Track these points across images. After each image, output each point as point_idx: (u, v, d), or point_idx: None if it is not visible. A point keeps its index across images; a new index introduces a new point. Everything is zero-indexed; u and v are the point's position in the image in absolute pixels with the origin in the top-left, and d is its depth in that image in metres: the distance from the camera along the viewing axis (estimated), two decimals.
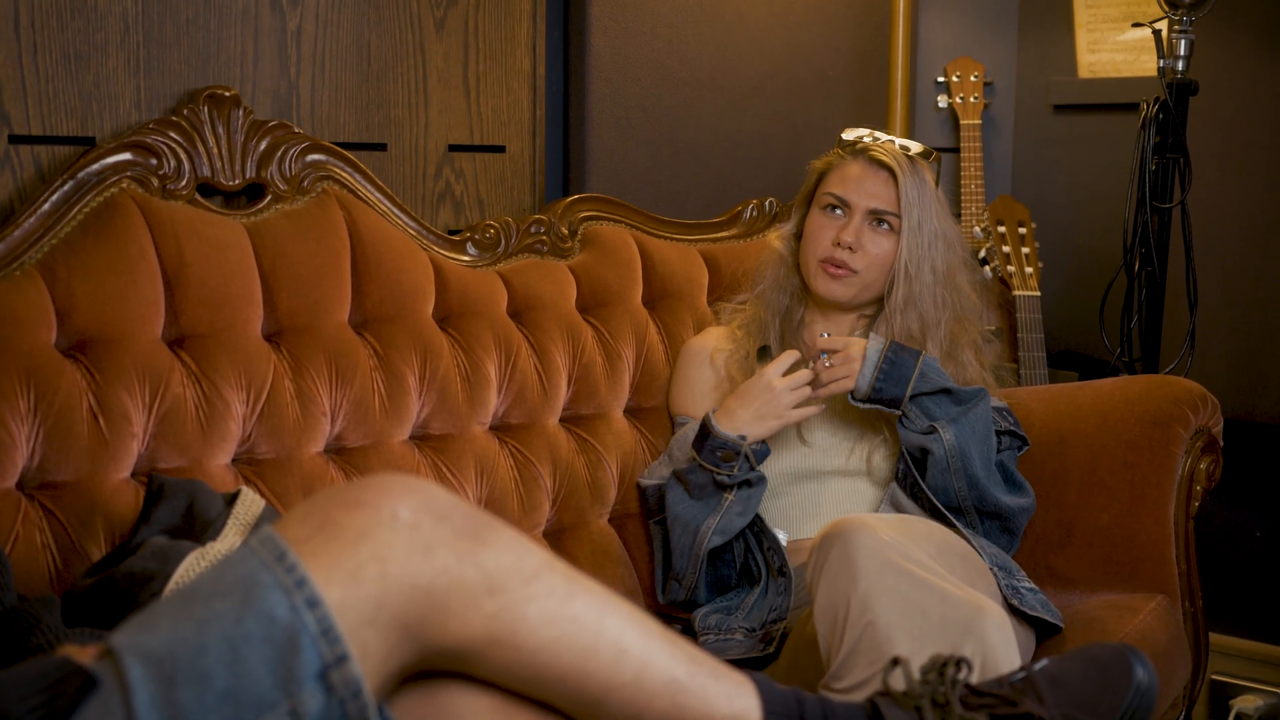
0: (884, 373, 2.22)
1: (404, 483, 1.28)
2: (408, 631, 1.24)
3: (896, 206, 2.33)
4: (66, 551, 1.88)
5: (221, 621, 1.16)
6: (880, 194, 2.35)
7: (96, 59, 2.14)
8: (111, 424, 1.95)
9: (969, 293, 2.42)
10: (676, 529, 2.30)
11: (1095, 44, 3.34)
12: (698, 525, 2.27)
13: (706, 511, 2.27)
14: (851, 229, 2.34)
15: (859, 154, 2.39)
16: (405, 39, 2.50)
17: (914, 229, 2.33)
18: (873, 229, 2.35)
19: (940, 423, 2.22)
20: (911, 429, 2.25)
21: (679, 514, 2.30)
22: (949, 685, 1.44)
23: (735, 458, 2.24)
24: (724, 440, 2.24)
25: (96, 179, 2.06)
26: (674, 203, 2.94)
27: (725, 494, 2.26)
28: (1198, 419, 2.38)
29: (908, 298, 2.34)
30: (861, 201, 2.35)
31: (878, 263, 2.35)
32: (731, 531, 2.27)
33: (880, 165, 2.36)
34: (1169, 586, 2.34)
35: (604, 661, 1.32)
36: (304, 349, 2.18)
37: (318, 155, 2.30)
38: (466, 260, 2.47)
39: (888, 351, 2.24)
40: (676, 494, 2.32)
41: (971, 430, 2.24)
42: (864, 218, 2.35)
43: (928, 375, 2.24)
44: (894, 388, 2.23)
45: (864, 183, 2.36)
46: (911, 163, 2.36)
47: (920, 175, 2.36)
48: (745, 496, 2.26)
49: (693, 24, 2.95)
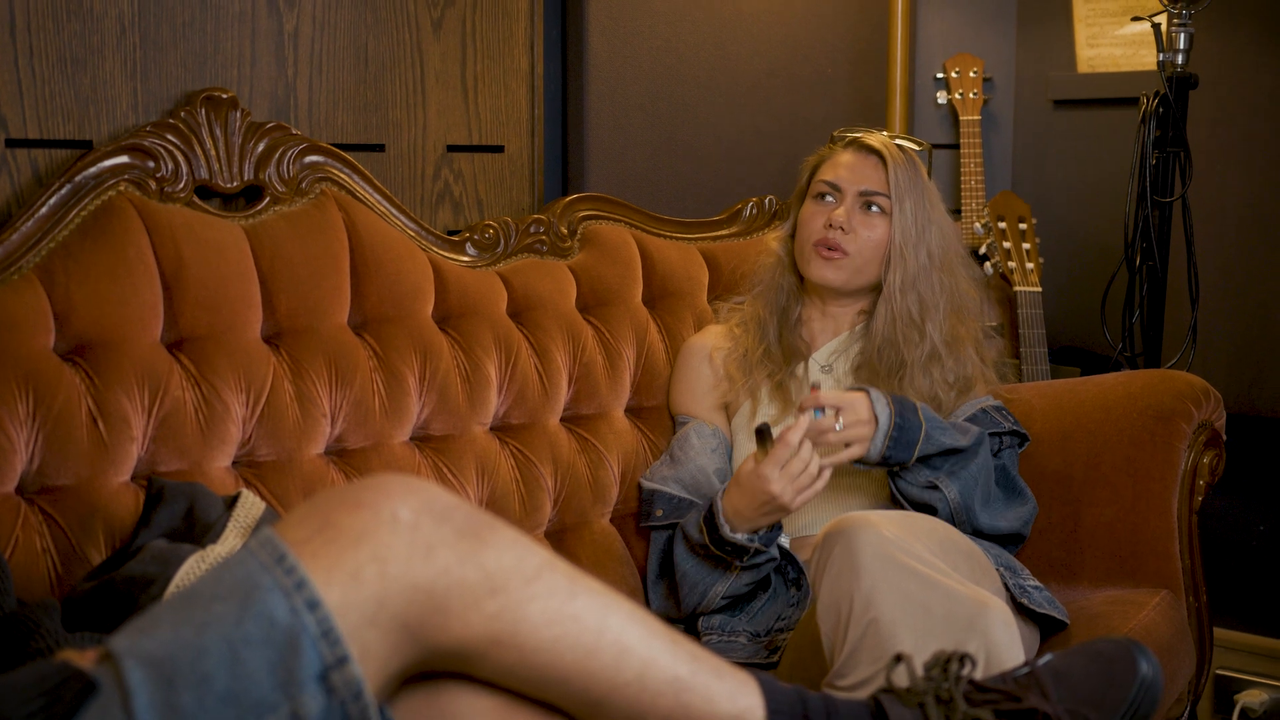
0: (894, 440, 2.16)
1: (404, 483, 1.27)
2: (408, 632, 1.23)
3: (887, 189, 2.34)
4: (66, 556, 1.87)
5: (221, 624, 1.15)
6: (870, 177, 2.35)
7: (93, 62, 2.13)
8: (111, 427, 1.94)
9: (966, 284, 2.41)
10: (684, 586, 2.28)
11: (1094, 39, 3.34)
12: (705, 590, 2.25)
13: (714, 577, 2.24)
14: (843, 209, 2.34)
15: (849, 143, 2.41)
16: (402, 39, 2.49)
17: (906, 212, 2.33)
18: (864, 212, 2.35)
19: (941, 479, 2.21)
20: (912, 483, 2.23)
21: (686, 572, 2.27)
22: (953, 681, 1.44)
23: (746, 551, 2.21)
24: (732, 542, 2.18)
25: (94, 182, 2.06)
26: (673, 201, 2.93)
27: (734, 568, 2.24)
28: (1200, 413, 2.38)
29: (905, 279, 2.33)
30: (852, 185, 2.36)
31: (870, 246, 2.35)
32: (739, 594, 2.25)
33: (870, 150, 2.38)
34: (1173, 581, 2.34)
35: (606, 661, 1.32)
36: (303, 351, 2.17)
37: (316, 157, 2.29)
38: (466, 260, 2.47)
39: (895, 415, 2.17)
40: (684, 550, 2.29)
41: (974, 480, 2.22)
42: (855, 200, 2.35)
43: (932, 435, 2.19)
44: (902, 452, 2.18)
45: (855, 168, 2.37)
46: (902, 150, 2.37)
47: (911, 162, 2.36)
48: (756, 569, 2.24)
49: (691, 22, 2.95)
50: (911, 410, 2.19)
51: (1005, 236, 3.10)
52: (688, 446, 2.41)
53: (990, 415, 2.36)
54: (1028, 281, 3.07)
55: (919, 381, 2.33)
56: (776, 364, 2.40)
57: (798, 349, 2.42)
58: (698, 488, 2.36)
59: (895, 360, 2.33)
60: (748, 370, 2.41)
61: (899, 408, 2.18)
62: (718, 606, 2.25)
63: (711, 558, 2.23)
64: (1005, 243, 3.09)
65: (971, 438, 2.24)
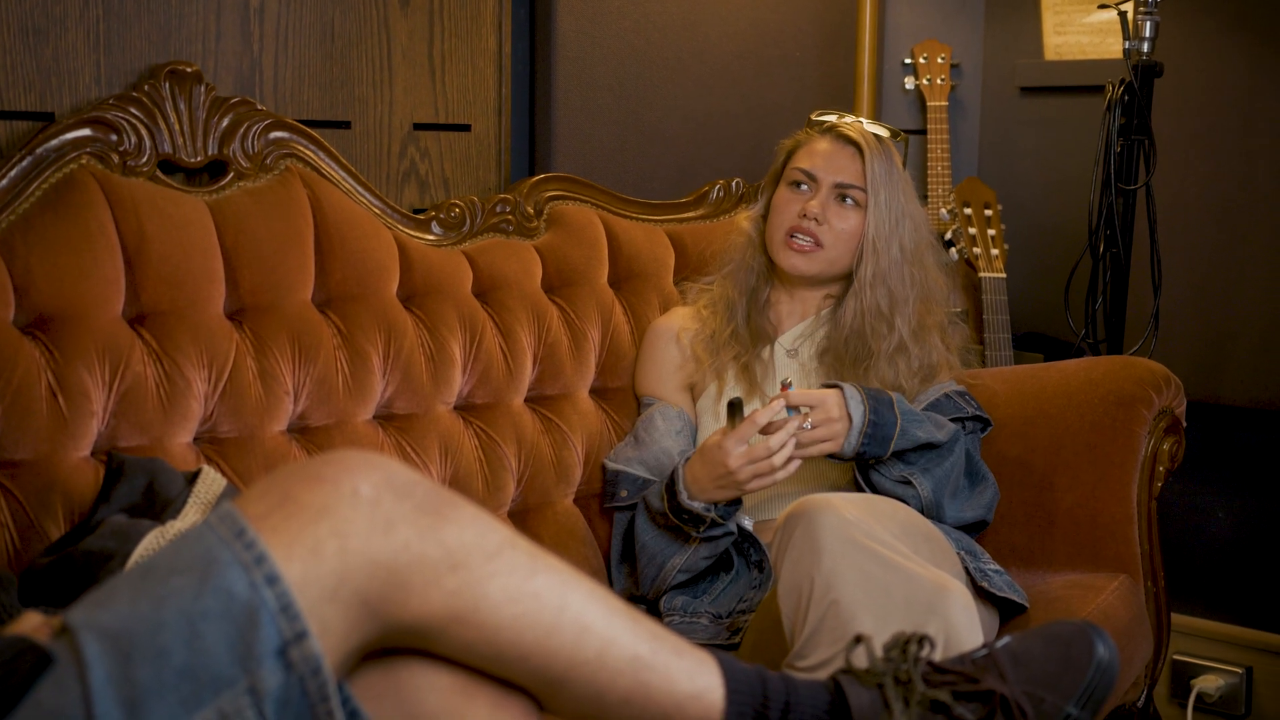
0: (869, 436, 2.16)
1: (365, 459, 1.27)
2: (368, 608, 1.23)
3: (863, 181, 2.34)
4: (25, 530, 1.86)
5: (179, 598, 1.15)
6: (847, 169, 2.35)
7: (55, 33, 2.11)
8: (71, 402, 1.93)
9: (935, 275, 2.42)
10: (643, 558, 2.29)
11: (1061, 26, 3.35)
12: (663, 562, 2.26)
13: (673, 549, 2.25)
14: (818, 200, 2.34)
15: (827, 131, 2.40)
16: (369, 16, 2.48)
17: (881, 205, 2.33)
18: (839, 204, 2.35)
19: (916, 475, 2.21)
20: (886, 476, 2.23)
21: (646, 544, 2.28)
22: (911, 663, 1.44)
23: (703, 520, 2.22)
24: (688, 509, 2.20)
25: (55, 155, 2.04)
26: (640, 183, 2.93)
27: (693, 539, 2.24)
28: (1161, 400, 2.39)
29: (876, 273, 2.33)
30: (828, 176, 2.35)
31: (843, 238, 2.35)
32: (697, 570, 2.25)
33: (847, 141, 2.37)
34: (1131, 566, 2.36)
35: (566, 639, 1.32)
36: (266, 327, 2.16)
37: (281, 133, 2.28)
38: (431, 239, 2.46)
39: (869, 413, 2.16)
40: (644, 521, 2.30)
41: (946, 477, 2.23)
42: (830, 191, 2.35)
43: (908, 430, 2.19)
44: (877, 448, 2.18)
45: (831, 158, 2.36)
46: (879, 141, 2.37)
47: (888, 154, 2.36)
48: (713, 543, 2.24)
49: (660, 4, 2.94)
50: (887, 405, 2.19)
51: (971, 222, 3.11)
52: (652, 428, 2.41)
53: (954, 400, 2.37)
54: (992, 268, 3.08)
55: (884, 371, 2.33)
56: (744, 346, 2.41)
57: (765, 331, 2.43)
58: (662, 469, 2.36)
59: (862, 350, 2.34)
60: (714, 351, 2.41)
61: (873, 404, 2.18)
62: (675, 583, 2.25)
63: (670, 528, 2.24)
64: (970, 229, 3.11)
65: (947, 433, 2.25)
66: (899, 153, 2.41)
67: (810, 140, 2.41)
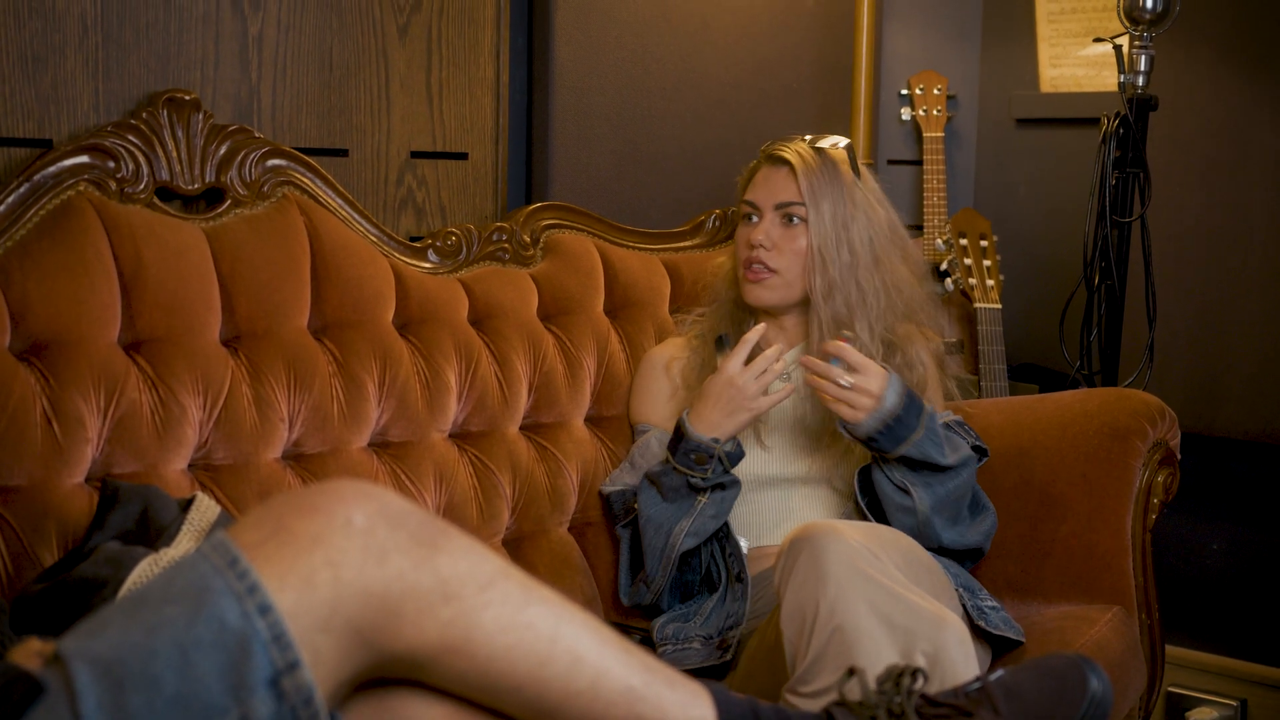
0: (887, 427, 2.16)
1: (359, 488, 1.27)
2: (361, 638, 1.23)
3: (800, 197, 2.34)
4: (18, 557, 1.85)
5: (172, 627, 1.15)
6: (783, 188, 2.36)
7: (54, 60, 2.12)
8: (66, 428, 1.93)
9: (906, 276, 2.40)
10: (649, 531, 2.29)
11: (1057, 59, 3.36)
12: (670, 527, 2.26)
13: (680, 514, 2.26)
14: (761, 228, 2.35)
15: (765, 158, 2.41)
16: (367, 45, 2.49)
17: (824, 216, 2.32)
18: (785, 226, 2.36)
19: (917, 487, 2.21)
20: (889, 477, 2.23)
21: (651, 516, 2.29)
22: (904, 695, 1.44)
23: (709, 460, 2.22)
24: (697, 443, 2.22)
25: (53, 181, 2.04)
26: (637, 212, 2.94)
27: (699, 496, 2.25)
28: (1155, 432, 2.40)
29: (829, 285, 2.33)
30: (768, 199, 2.37)
31: (795, 259, 2.35)
32: (705, 534, 2.26)
33: (780, 162, 2.38)
34: (1126, 598, 2.35)
35: (559, 670, 1.32)
36: (262, 354, 2.16)
37: (278, 160, 2.29)
38: (428, 267, 2.46)
39: (900, 409, 2.17)
40: (649, 496, 2.30)
41: (948, 498, 2.23)
42: (772, 215, 2.36)
43: (922, 444, 2.19)
44: (888, 443, 2.19)
45: (768, 182, 2.38)
46: (818, 153, 2.36)
47: (829, 164, 2.35)
48: (719, 499, 2.26)
49: (657, 34, 2.96)
50: (916, 414, 2.19)
51: (966, 253, 3.12)
52: (648, 454, 2.41)
53: (952, 430, 2.37)
54: (988, 298, 3.09)
55: None
56: None
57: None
58: None
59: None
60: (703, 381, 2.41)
61: (907, 404, 2.18)
62: (681, 550, 2.25)
63: (675, 491, 2.25)
64: (966, 259, 3.11)
65: (960, 457, 2.24)
66: (848, 160, 2.40)
67: (754, 172, 2.43)
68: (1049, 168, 3.42)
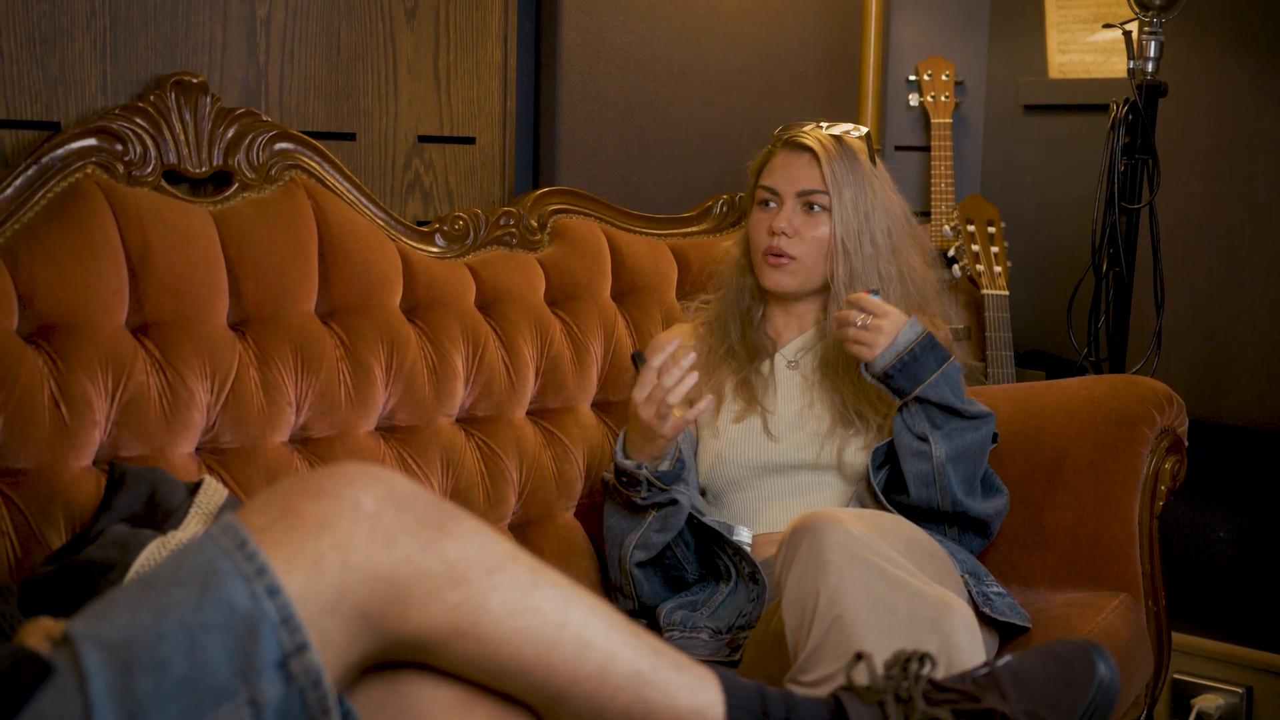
0: (903, 363, 2.18)
1: (367, 471, 1.27)
2: (369, 621, 1.23)
3: (824, 185, 2.33)
4: (26, 539, 1.86)
5: (180, 609, 1.15)
6: (805, 176, 2.35)
7: (62, 43, 2.11)
8: (73, 411, 1.93)
9: (919, 265, 2.41)
10: (609, 539, 2.30)
11: (1066, 45, 3.35)
12: (621, 538, 2.27)
13: (630, 526, 2.26)
14: (784, 215, 2.35)
15: (784, 144, 2.40)
16: (375, 29, 2.48)
17: (846, 205, 2.32)
18: (806, 213, 2.35)
19: (935, 435, 2.21)
20: (910, 425, 2.23)
21: (610, 525, 2.30)
22: (912, 680, 1.44)
23: (639, 483, 2.22)
24: (623, 468, 2.21)
25: (61, 164, 2.04)
26: (644, 197, 2.93)
27: (645, 512, 2.25)
28: (1163, 419, 2.39)
29: (851, 274, 2.33)
30: (789, 186, 2.36)
31: (816, 246, 2.35)
32: (654, 548, 2.25)
33: (802, 148, 2.37)
34: (1132, 585, 2.35)
35: (567, 654, 1.32)
36: (269, 338, 2.16)
37: (286, 144, 2.28)
38: (435, 251, 2.46)
39: (915, 346, 2.19)
40: (610, 505, 2.31)
41: (965, 449, 2.23)
42: (794, 202, 2.35)
43: (940, 387, 2.20)
44: (906, 381, 2.20)
45: (789, 169, 2.37)
46: (838, 141, 2.36)
47: (848, 152, 2.35)
48: (664, 515, 2.24)
49: (665, 18, 2.95)
50: (936, 359, 2.20)
51: (974, 240, 3.12)
52: None
53: None
54: (995, 285, 3.08)
55: None
56: (741, 362, 2.41)
57: (763, 346, 2.43)
58: None
59: (850, 357, 2.33)
60: (711, 369, 2.41)
61: (924, 345, 2.19)
62: (634, 561, 2.25)
63: (626, 505, 2.26)
64: (974, 246, 3.11)
65: (979, 409, 2.25)
66: (866, 149, 2.40)
67: (770, 157, 2.42)
68: (1057, 154, 3.41)
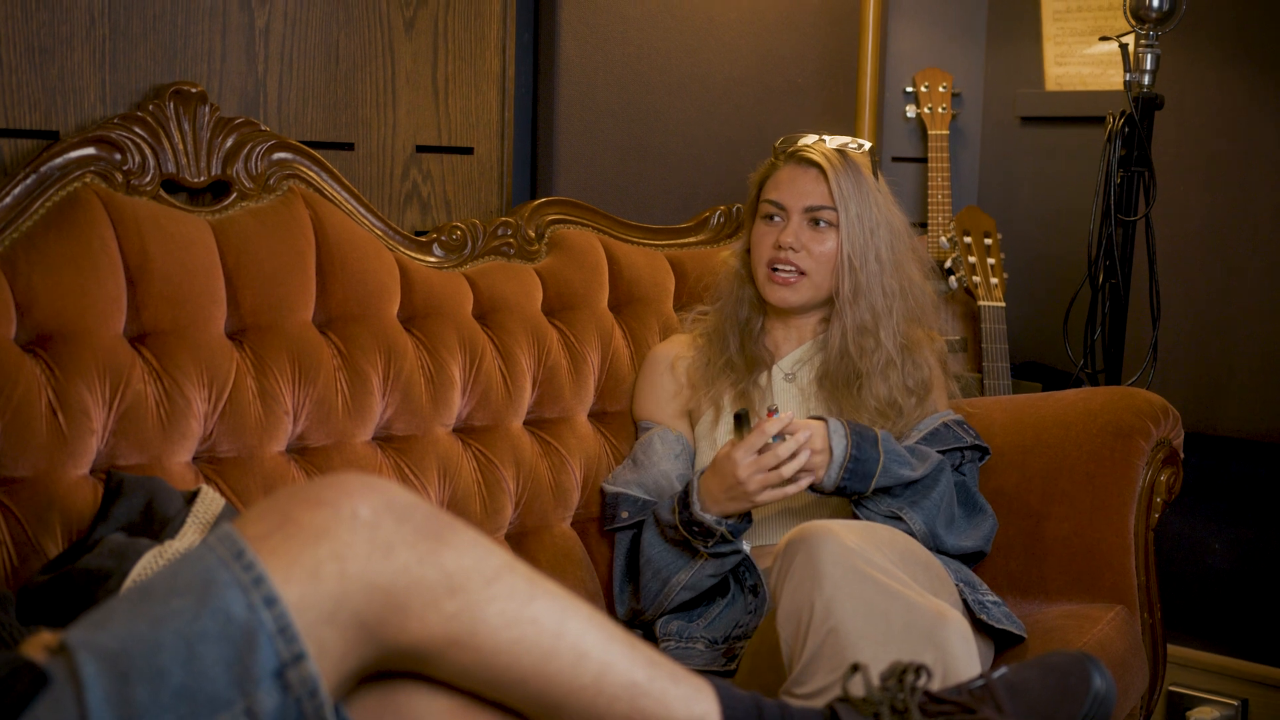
0: (849, 471, 2.17)
1: (364, 481, 1.27)
2: (366, 631, 1.23)
3: (831, 200, 2.33)
4: (23, 548, 1.86)
5: (177, 619, 1.15)
6: (812, 191, 2.35)
7: (61, 52, 2.12)
8: (70, 420, 1.93)
9: (920, 281, 2.41)
10: (647, 573, 2.28)
11: (1062, 57, 3.36)
12: (668, 577, 2.26)
13: (679, 564, 2.25)
14: (790, 230, 2.35)
15: (789, 157, 2.40)
16: (374, 39, 2.49)
17: (852, 220, 2.33)
18: (812, 229, 2.35)
19: (905, 509, 2.21)
20: (875, 511, 2.22)
21: (651, 558, 2.28)
22: (908, 692, 1.44)
23: (712, 535, 2.21)
24: (700, 520, 2.19)
25: (60, 173, 2.04)
26: (642, 207, 2.94)
27: (700, 556, 2.24)
28: (1159, 431, 2.40)
29: (856, 289, 2.34)
30: (796, 202, 2.36)
31: (823, 262, 2.35)
32: (700, 589, 2.25)
33: (809, 163, 2.37)
34: (1128, 597, 2.35)
35: (564, 664, 1.32)
36: (267, 347, 2.17)
37: (284, 154, 2.29)
38: (432, 261, 2.46)
39: (851, 449, 2.17)
40: (653, 535, 2.29)
41: (936, 508, 2.23)
42: (801, 217, 2.35)
43: (889, 469, 2.19)
44: (858, 483, 2.19)
45: (795, 183, 2.37)
46: (843, 156, 2.36)
47: (853, 167, 2.36)
48: (719, 562, 2.24)
49: (663, 29, 2.96)
50: (871, 443, 2.19)
51: (970, 251, 3.12)
52: (651, 451, 2.41)
53: (952, 430, 2.37)
54: (991, 296, 3.09)
55: (878, 388, 2.33)
56: (739, 374, 2.41)
57: (761, 358, 2.43)
58: (660, 492, 2.37)
59: (852, 370, 2.34)
60: (710, 380, 2.41)
61: (857, 440, 2.18)
62: (676, 603, 2.25)
63: (678, 543, 2.24)
64: (970, 257, 3.11)
65: (930, 465, 2.24)
66: (869, 164, 2.41)
67: (775, 171, 2.42)
68: (1053, 166, 3.42)
